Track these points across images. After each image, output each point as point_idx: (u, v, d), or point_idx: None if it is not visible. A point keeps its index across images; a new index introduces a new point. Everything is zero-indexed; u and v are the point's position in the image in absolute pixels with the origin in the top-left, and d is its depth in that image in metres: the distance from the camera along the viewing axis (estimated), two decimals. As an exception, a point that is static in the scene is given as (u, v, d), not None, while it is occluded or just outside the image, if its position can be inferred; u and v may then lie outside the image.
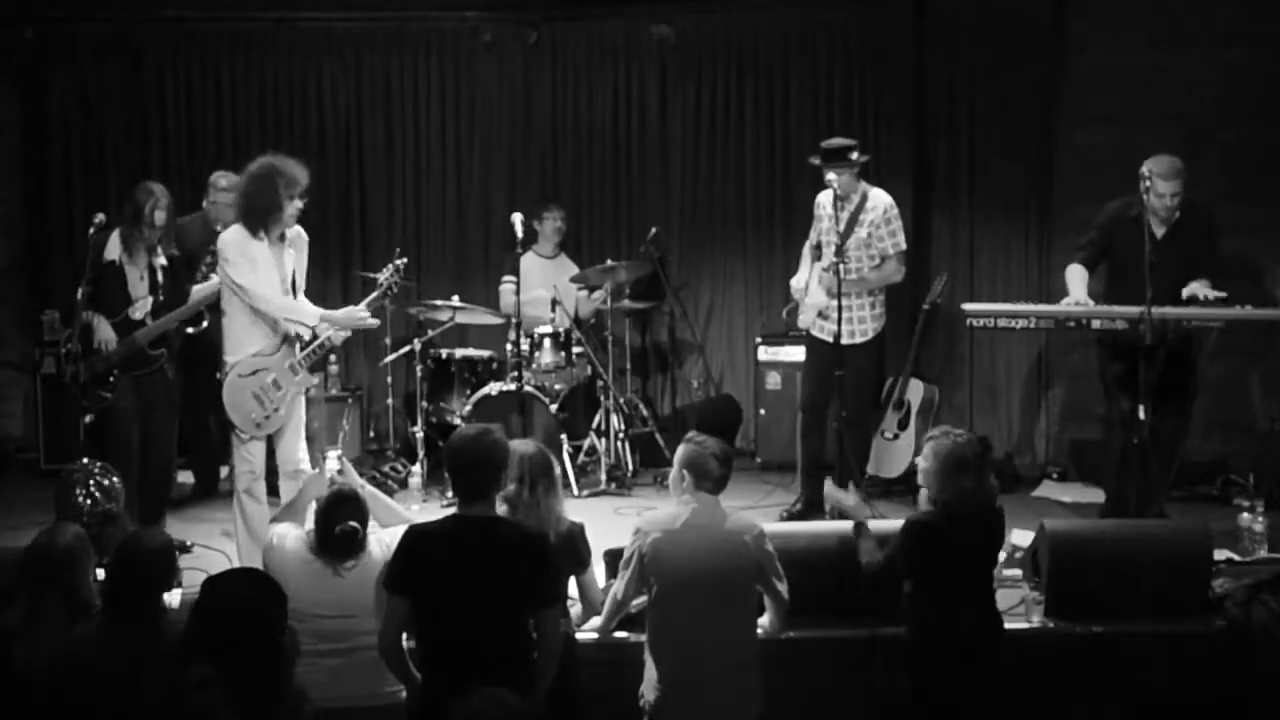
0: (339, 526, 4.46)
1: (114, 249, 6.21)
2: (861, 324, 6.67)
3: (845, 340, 6.49)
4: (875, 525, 5.04)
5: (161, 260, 6.32)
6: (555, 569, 4.19)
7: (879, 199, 6.66)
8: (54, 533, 4.29)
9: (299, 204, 5.78)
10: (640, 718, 4.43)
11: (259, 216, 5.71)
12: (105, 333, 6.20)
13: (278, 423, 5.82)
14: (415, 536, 4.11)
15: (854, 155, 6.57)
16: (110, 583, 3.96)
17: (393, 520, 4.80)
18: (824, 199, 6.75)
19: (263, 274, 5.73)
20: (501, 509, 4.39)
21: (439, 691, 3.88)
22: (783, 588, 4.51)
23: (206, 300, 6.45)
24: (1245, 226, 7.27)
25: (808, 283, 6.80)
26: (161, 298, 6.29)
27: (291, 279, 5.87)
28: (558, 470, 4.62)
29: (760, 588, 4.48)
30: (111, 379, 6.18)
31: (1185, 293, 6.21)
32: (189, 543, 6.36)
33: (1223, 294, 6.18)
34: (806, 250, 6.93)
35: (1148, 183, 6.25)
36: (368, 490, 4.86)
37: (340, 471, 5.05)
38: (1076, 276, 6.48)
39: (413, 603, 4.00)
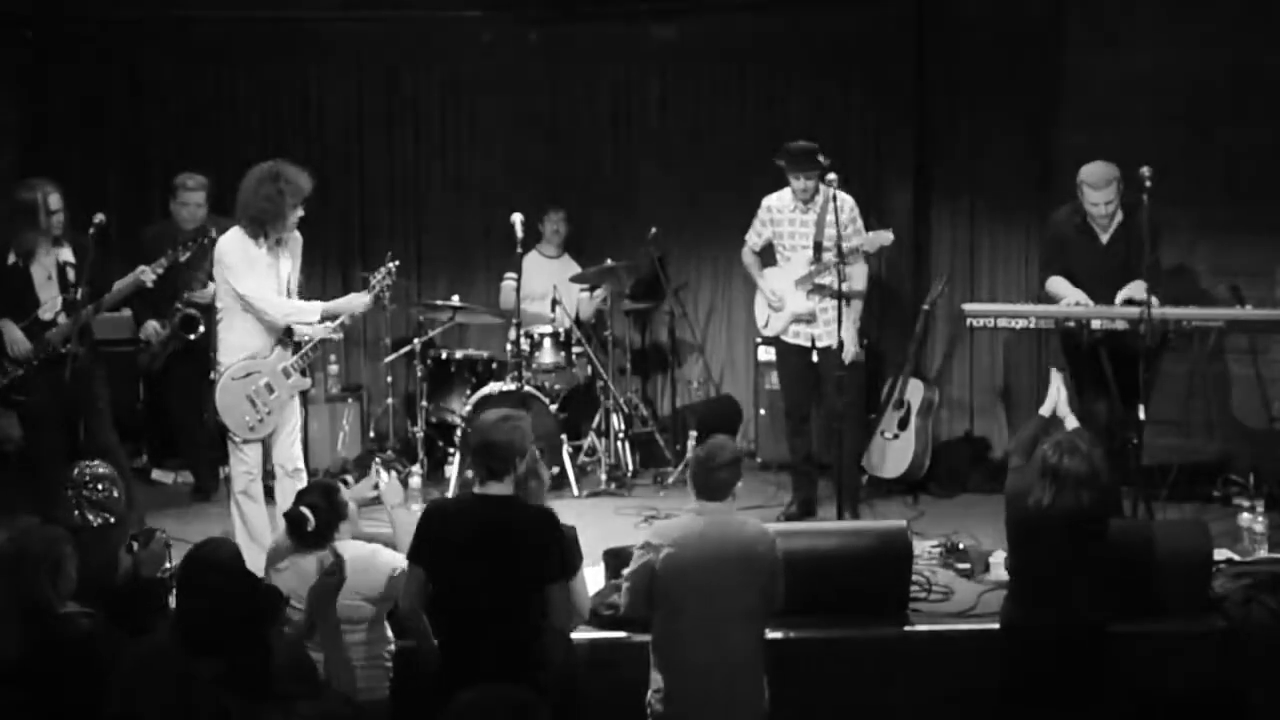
0: (292, 509, 4.50)
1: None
2: (835, 324, 6.63)
3: (825, 342, 6.52)
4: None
5: (67, 255, 6.29)
6: (566, 546, 4.30)
7: (843, 198, 6.62)
8: (17, 537, 4.29)
9: (300, 211, 5.80)
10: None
11: (262, 222, 5.72)
12: (13, 334, 6.17)
13: (271, 425, 5.83)
14: (434, 510, 4.34)
15: (821, 158, 6.56)
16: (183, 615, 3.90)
17: (404, 546, 4.58)
18: (779, 202, 6.72)
19: (260, 278, 5.75)
20: None
21: (454, 661, 4.11)
22: (782, 593, 4.48)
23: (123, 294, 6.41)
24: (1245, 227, 7.28)
25: (773, 289, 6.76)
26: (70, 295, 6.22)
27: (287, 282, 5.88)
28: (543, 474, 4.64)
29: (769, 594, 4.42)
30: (25, 381, 6.17)
31: (1120, 296, 6.25)
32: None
33: (1153, 299, 6.14)
34: (750, 255, 6.89)
35: (1081, 193, 6.35)
36: (396, 513, 4.75)
37: (385, 480, 4.96)
38: (1062, 283, 6.49)
39: (429, 572, 4.18)
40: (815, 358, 6.62)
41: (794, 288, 6.69)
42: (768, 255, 6.94)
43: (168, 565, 4.79)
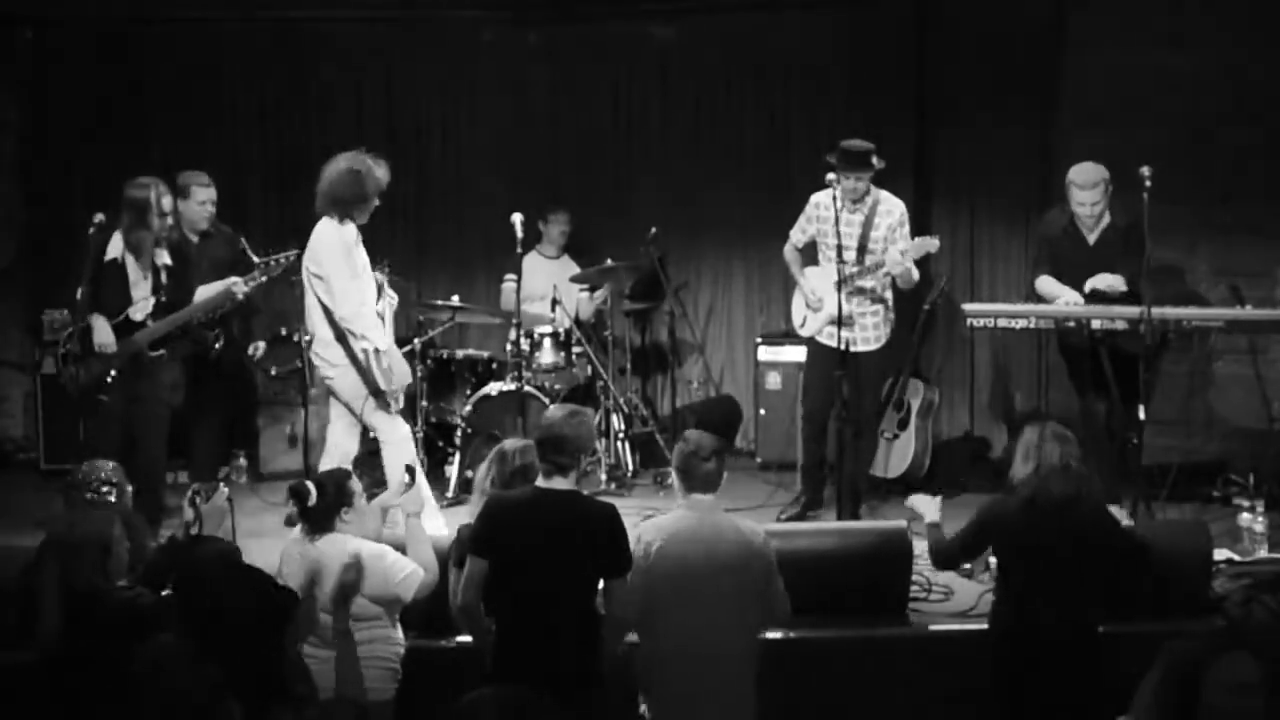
0: (298, 482, 4.54)
1: (115, 247, 6.19)
2: (876, 330, 6.64)
3: (861, 347, 6.47)
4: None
5: (166, 259, 6.31)
6: (627, 542, 4.30)
7: (894, 203, 6.62)
8: (67, 522, 4.43)
9: (377, 201, 6.08)
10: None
11: (348, 203, 5.97)
12: (104, 336, 6.17)
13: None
14: (497, 503, 4.35)
15: (875, 160, 6.53)
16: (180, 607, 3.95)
17: (416, 556, 4.60)
18: (825, 199, 6.56)
19: (361, 262, 6.02)
20: (476, 500, 4.59)
21: (514, 654, 4.17)
22: (785, 595, 4.47)
23: (211, 304, 6.43)
24: (1245, 227, 7.28)
25: (814, 289, 6.71)
26: (164, 298, 6.27)
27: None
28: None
29: (766, 594, 4.42)
30: (109, 380, 6.16)
31: (1089, 285, 6.32)
32: None
33: (1123, 289, 6.27)
34: (792, 252, 6.82)
35: (1069, 192, 6.42)
36: (412, 521, 4.73)
37: (408, 486, 4.94)
38: (1051, 283, 6.54)
39: (492, 564, 4.20)
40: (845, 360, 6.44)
41: (834, 289, 6.54)
42: (810, 256, 6.85)
43: (229, 523, 4.88)
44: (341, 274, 5.95)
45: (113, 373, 6.17)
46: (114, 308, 6.21)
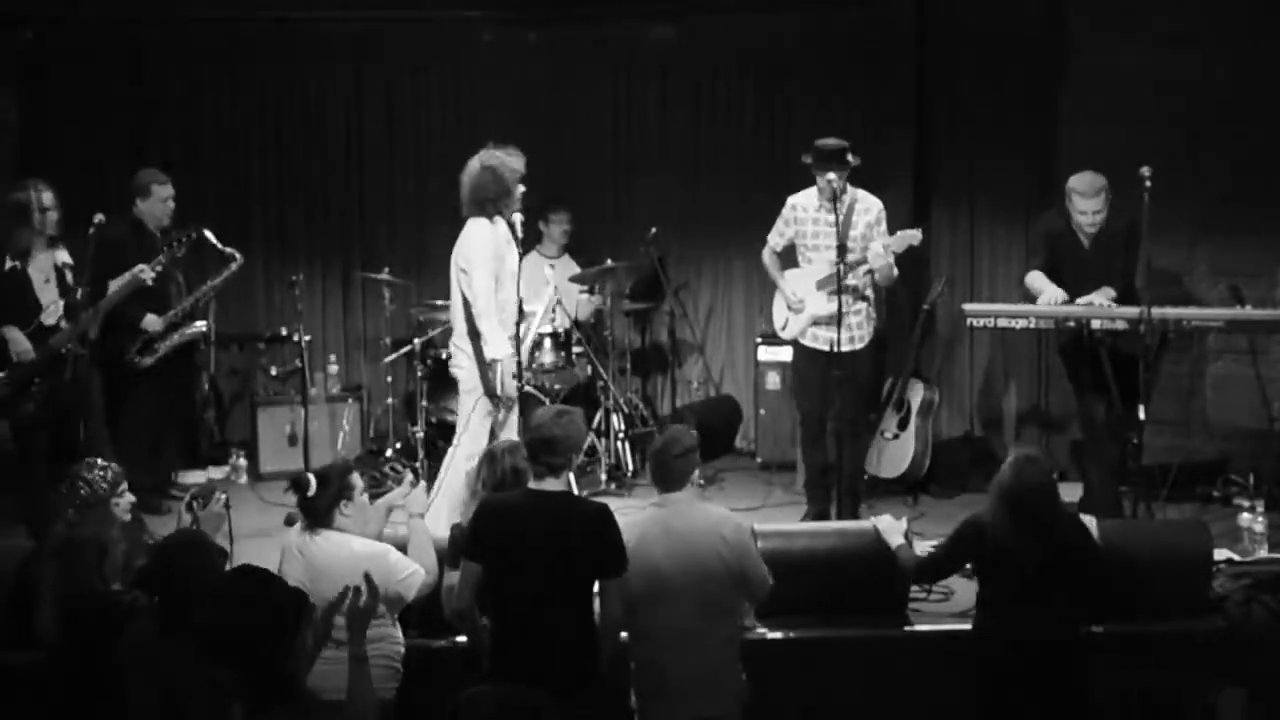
0: (299, 473, 4.54)
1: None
2: (860, 329, 6.62)
3: (846, 347, 6.45)
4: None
5: (64, 257, 6.27)
6: (620, 543, 4.29)
7: (871, 201, 6.59)
8: (67, 524, 4.44)
9: (523, 187, 6.12)
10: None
11: (494, 201, 6.08)
12: (21, 344, 6.14)
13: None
14: (489, 507, 4.33)
15: (850, 157, 6.54)
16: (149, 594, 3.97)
17: (418, 557, 4.59)
18: (804, 201, 6.57)
19: (507, 262, 6.07)
20: (469, 501, 4.61)
21: (510, 656, 4.16)
22: (763, 572, 4.50)
23: (123, 294, 6.40)
24: (1245, 227, 7.28)
25: (794, 290, 6.70)
26: (75, 297, 6.22)
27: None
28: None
29: (743, 577, 4.44)
30: (33, 386, 6.14)
31: (1080, 301, 6.35)
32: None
33: (1111, 301, 6.32)
34: (770, 256, 6.78)
35: (1069, 200, 6.44)
36: (415, 521, 4.73)
37: (414, 484, 4.94)
38: (1041, 278, 6.56)
39: (485, 567, 4.20)
40: (833, 361, 6.45)
41: (815, 289, 6.57)
42: (788, 259, 6.81)
43: (227, 527, 4.90)
44: (484, 273, 6.03)
45: (35, 380, 6.14)
46: (25, 316, 6.17)
